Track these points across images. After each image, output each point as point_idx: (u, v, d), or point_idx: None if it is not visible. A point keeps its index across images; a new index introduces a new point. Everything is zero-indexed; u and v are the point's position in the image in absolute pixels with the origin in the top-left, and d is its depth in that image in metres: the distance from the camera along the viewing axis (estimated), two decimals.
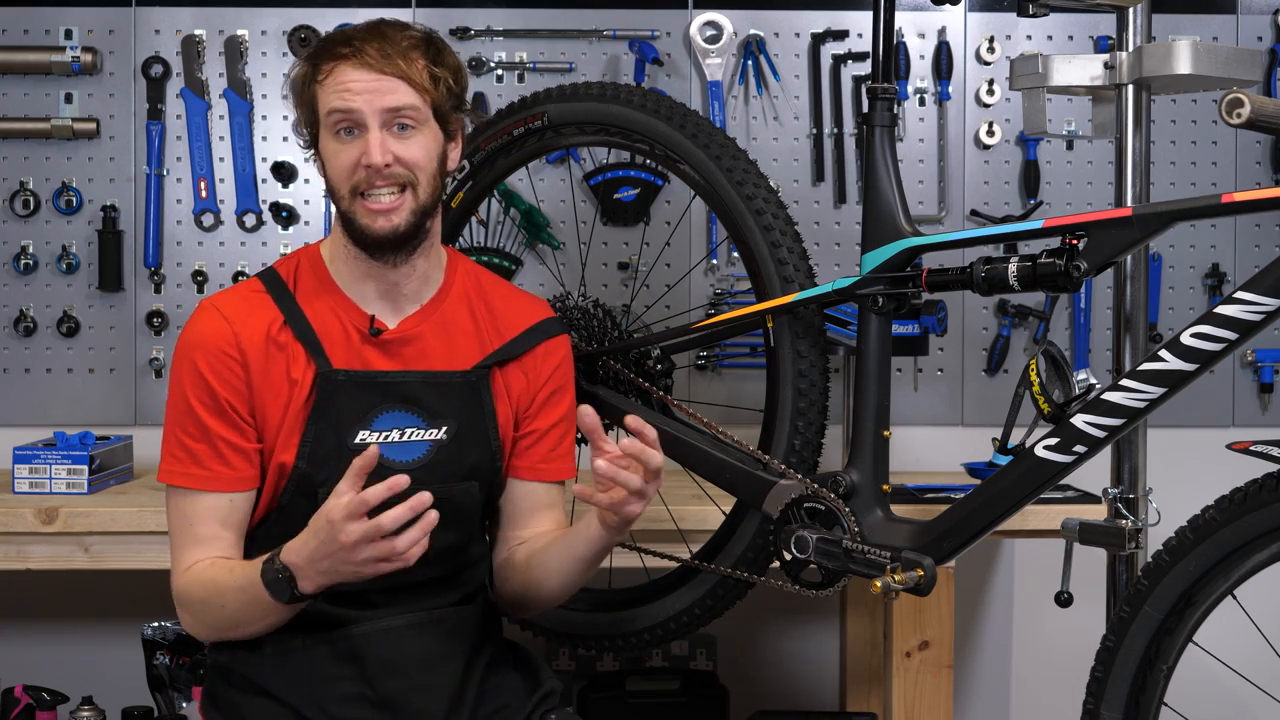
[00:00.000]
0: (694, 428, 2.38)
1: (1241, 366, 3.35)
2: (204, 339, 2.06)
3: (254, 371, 2.06)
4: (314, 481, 2.06)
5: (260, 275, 2.15)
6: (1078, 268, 2.02)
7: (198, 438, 2.06)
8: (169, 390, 2.11)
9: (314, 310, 2.09)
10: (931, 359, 3.33)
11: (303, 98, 2.10)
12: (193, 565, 2.06)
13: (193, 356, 2.06)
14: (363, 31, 2.08)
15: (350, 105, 2.03)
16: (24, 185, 3.30)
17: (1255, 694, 2.34)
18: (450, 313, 2.16)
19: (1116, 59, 2.37)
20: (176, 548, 2.09)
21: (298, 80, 2.11)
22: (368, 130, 2.03)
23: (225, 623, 2.05)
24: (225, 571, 2.03)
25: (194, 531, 2.07)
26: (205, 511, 2.06)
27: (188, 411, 2.06)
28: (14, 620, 3.38)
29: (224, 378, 2.05)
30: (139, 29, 3.32)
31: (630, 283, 3.30)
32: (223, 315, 2.07)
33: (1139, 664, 2.02)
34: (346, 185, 2.06)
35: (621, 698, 3.10)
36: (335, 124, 2.05)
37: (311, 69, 2.08)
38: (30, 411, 3.31)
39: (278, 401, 2.06)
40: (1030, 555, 3.38)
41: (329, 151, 2.07)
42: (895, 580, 2.08)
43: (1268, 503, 1.90)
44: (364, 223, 2.06)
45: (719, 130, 2.39)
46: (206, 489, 2.06)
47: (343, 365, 2.08)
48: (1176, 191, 3.34)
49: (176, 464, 2.08)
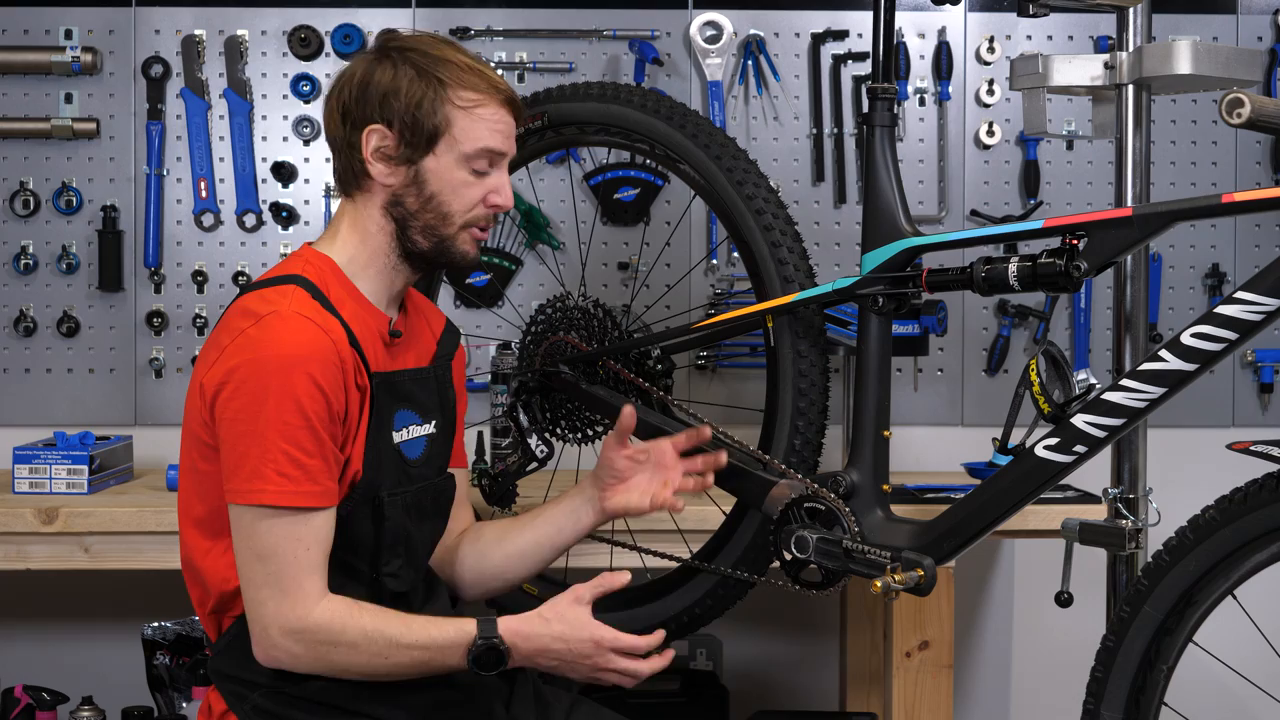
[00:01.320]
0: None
1: (1241, 366, 3.35)
2: (316, 351, 1.95)
3: (349, 380, 2.00)
4: (375, 487, 2.04)
5: (297, 283, 2.04)
6: (1078, 268, 2.02)
7: (313, 453, 1.95)
8: (263, 405, 1.93)
9: (350, 317, 2.05)
10: (931, 359, 3.34)
11: (425, 109, 2.04)
12: (325, 600, 1.96)
13: (307, 368, 1.94)
14: (483, 65, 2.11)
15: (504, 149, 2.09)
16: (24, 185, 3.30)
17: (1255, 694, 2.34)
18: (413, 313, 2.20)
19: (1116, 59, 2.37)
20: (288, 575, 1.94)
21: (421, 93, 2.04)
22: (499, 172, 2.10)
23: (371, 671, 1.97)
24: (397, 624, 1.97)
25: (310, 556, 1.95)
26: (318, 531, 1.97)
27: (304, 426, 1.94)
28: (14, 620, 3.38)
29: (336, 389, 1.97)
30: (139, 29, 3.32)
31: (630, 283, 3.30)
32: (318, 325, 1.98)
33: (1139, 664, 2.02)
34: (465, 216, 2.08)
35: (622, 697, 3.09)
36: (479, 157, 2.06)
37: (440, 87, 2.04)
38: (30, 411, 3.31)
39: (353, 410, 2.02)
40: (1030, 555, 3.38)
41: (454, 179, 2.06)
42: (895, 580, 2.08)
43: (1268, 503, 1.90)
44: (464, 249, 2.10)
45: (719, 130, 2.39)
46: (323, 505, 1.97)
47: (376, 369, 2.07)
48: (1176, 191, 3.34)
49: (289, 483, 1.93)
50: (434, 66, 2.05)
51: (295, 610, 1.94)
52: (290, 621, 1.94)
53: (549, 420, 2.50)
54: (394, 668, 1.97)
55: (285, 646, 1.95)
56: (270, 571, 1.95)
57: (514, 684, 2.19)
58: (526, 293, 3.31)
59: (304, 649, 1.95)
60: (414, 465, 2.11)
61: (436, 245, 2.08)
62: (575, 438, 2.50)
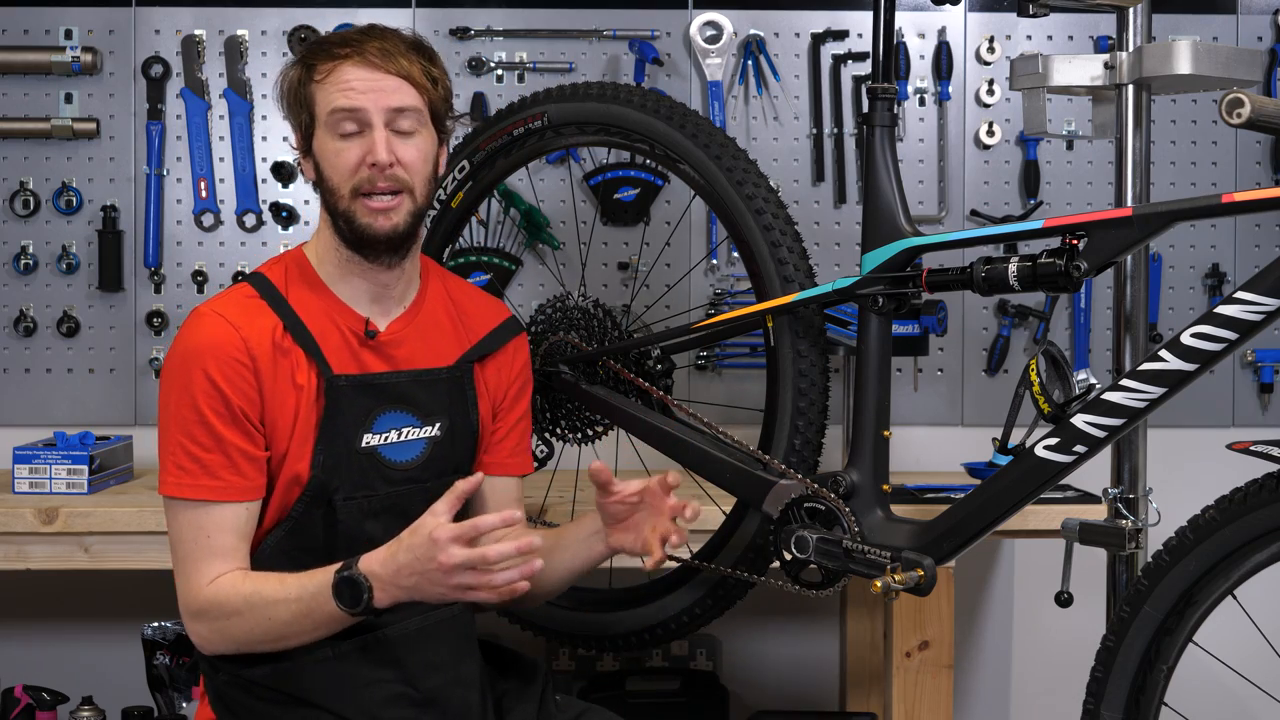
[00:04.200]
0: (694, 428, 2.38)
1: (1241, 366, 3.35)
2: (216, 346, 2.01)
3: (264, 378, 2.03)
4: (329, 490, 2.06)
5: (249, 280, 2.11)
6: (1078, 268, 2.02)
7: (210, 448, 2.01)
8: (168, 399, 2.05)
9: (309, 315, 2.08)
10: (931, 359, 3.33)
11: (298, 99, 2.10)
12: (218, 577, 2.01)
13: (203, 365, 2.01)
14: (358, 34, 2.09)
15: (356, 103, 2.03)
16: (24, 185, 3.30)
17: (1255, 694, 2.34)
18: (430, 313, 2.18)
19: (1116, 59, 2.37)
20: (190, 560, 2.03)
21: (292, 83, 2.10)
22: (371, 129, 2.04)
23: (263, 636, 2.00)
24: (273, 583, 1.99)
25: (211, 544, 2.02)
26: (222, 522, 2.02)
27: (199, 421, 2.01)
28: (14, 620, 3.38)
29: (237, 385, 2.01)
30: (139, 29, 3.32)
31: (630, 283, 3.30)
32: (229, 322, 2.03)
33: (1139, 664, 2.02)
34: (348, 185, 2.05)
35: (621, 698, 3.10)
36: (338, 122, 2.05)
37: (305, 70, 2.08)
38: (30, 411, 3.31)
39: (286, 408, 2.05)
40: (1030, 555, 3.38)
41: (328, 150, 2.06)
42: (895, 580, 2.08)
43: (1268, 503, 1.90)
44: (365, 221, 2.05)
45: (719, 130, 2.39)
46: (222, 499, 2.02)
47: (341, 369, 2.08)
48: (1176, 191, 3.34)
49: (186, 476, 2.02)
50: (308, 53, 2.10)
51: (190, 593, 2.02)
52: (189, 604, 2.03)
53: (549, 420, 2.51)
54: (283, 627, 1.98)
55: (193, 629, 2.04)
56: (178, 559, 2.05)
57: (504, 699, 2.18)
58: (526, 293, 3.31)
59: (205, 627, 2.03)
60: (397, 469, 2.10)
61: (344, 223, 2.07)
62: (575, 438, 2.50)
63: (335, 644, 2.04)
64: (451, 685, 2.09)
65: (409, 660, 2.07)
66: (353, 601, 1.93)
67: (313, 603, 1.96)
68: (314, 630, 1.99)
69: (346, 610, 1.93)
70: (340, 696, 2.04)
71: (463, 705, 2.09)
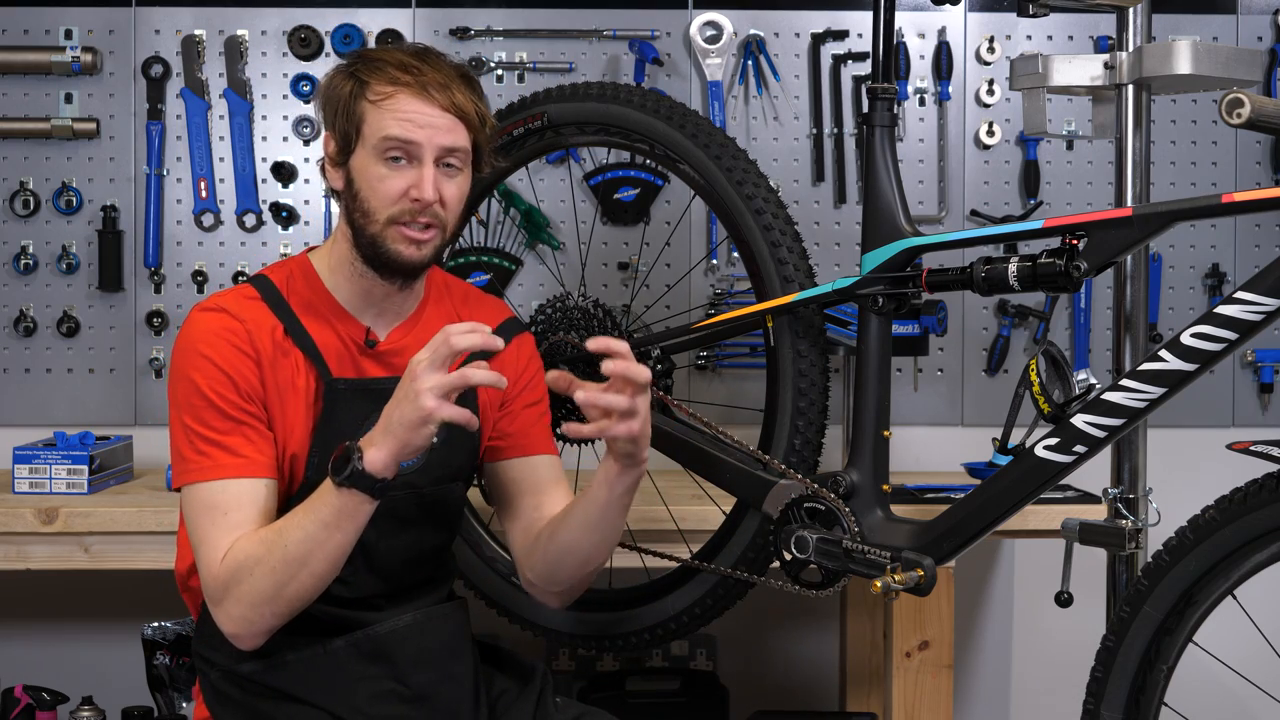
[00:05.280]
0: (694, 428, 2.38)
1: (1241, 366, 3.35)
2: (217, 335, 2.02)
3: (265, 370, 2.04)
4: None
5: (252, 282, 2.12)
6: (1078, 268, 2.02)
7: (222, 429, 2.00)
8: (175, 392, 2.04)
9: (310, 321, 2.09)
10: (931, 359, 3.33)
11: (346, 111, 2.06)
12: (234, 544, 1.97)
13: (206, 353, 2.01)
14: (415, 59, 2.07)
15: (412, 137, 2.03)
16: (24, 185, 3.30)
17: (1255, 694, 2.34)
18: (430, 321, 2.18)
19: (1116, 59, 2.37)
20: (207, 543, 1.98)
21: (343, 95, 2.07)
22: (421, 164, 2.03)
23: (286, 577, 1.93)
24: (278, 524, 1.96)
25: (229, 520, 1.98)
26: (240, 496, 1.99)
27: (208, 405, 2.00)
28: (14, 620, 3.38)
29: (241, 370, 2.01)
30: (139, 29, 3.32)
31: (630, 283, 3.30)
32: (231, 314, 2.05)
33: (1139, 664, 2.02)
34: (386, 212, 2.04)
35: (621, 698, 3.10)
36: (388, 149, 2.03)
37: (359, 85, 2.06)
38: (30, 411, 3.31)
39: (285, 406, 2.05)
40: (1030, 555, 3.38)
41: (371, 174, 2.05)
42: (895, 580, 2.08)
43: (1268, 503, 1.90)
44: (397, 249, 2.05)
45: (719, 130, 2.39)
46: (238, 475, 2.00)
47: (341, 374, 2.08)
48: (1176, 191, 3.34)
49: (201, 458, 2.00)
50: (364, 68, 2.08)
51: (210, 574, 1.98)
52: (213, 589, 1.99)
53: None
54: (300, 549, 1.92)
55: (224, 616, 1.98)
56: (196, 546, 2.01)
57: (500, 700, 2.18)
58: (526, 293, 3.31)
59: (234, 605, 1.97)
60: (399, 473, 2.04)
61: (370, 245, 2.06)
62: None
63: (325, 640, 2.04)
64: (442, 682, 2.09)
65: (399, 656, 2.06)
66: (351, 476, 1.89)
67: (317, 500, 1.93)
68: (329, 539, 1.92)
69: (338, 480, 1.89)
70: (329, 692, 2.04)
71: (453, 702, 2.09)
